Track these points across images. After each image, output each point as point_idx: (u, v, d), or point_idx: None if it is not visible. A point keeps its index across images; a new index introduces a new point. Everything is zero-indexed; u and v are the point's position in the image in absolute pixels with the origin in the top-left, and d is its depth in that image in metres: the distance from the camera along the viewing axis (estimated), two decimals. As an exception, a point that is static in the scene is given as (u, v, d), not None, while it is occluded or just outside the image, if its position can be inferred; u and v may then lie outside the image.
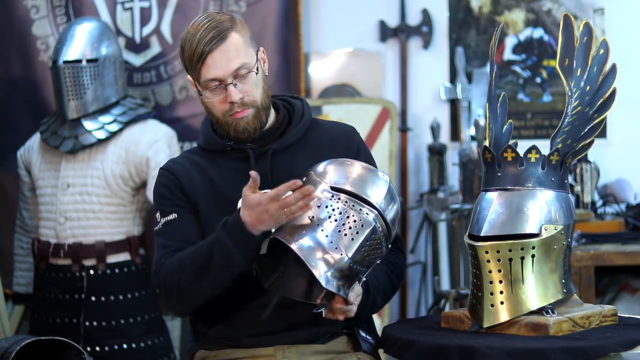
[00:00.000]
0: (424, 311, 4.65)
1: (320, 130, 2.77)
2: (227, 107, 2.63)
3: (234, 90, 2.60)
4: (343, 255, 2.43)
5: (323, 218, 2.45)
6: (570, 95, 2.63)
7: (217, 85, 2.61)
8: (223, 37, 2.59)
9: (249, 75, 2.62)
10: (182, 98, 4.67)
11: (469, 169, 4.44)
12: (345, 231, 2.44)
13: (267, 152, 2.68)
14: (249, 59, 2.62)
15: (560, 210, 2.53)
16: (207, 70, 2.60)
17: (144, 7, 4.68)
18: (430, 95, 4.80)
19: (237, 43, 2.61)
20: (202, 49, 2.58)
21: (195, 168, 2.72)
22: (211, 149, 2.74)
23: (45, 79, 4.54)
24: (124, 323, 4.04)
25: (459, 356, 2.36)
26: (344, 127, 2.82)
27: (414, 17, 4.80)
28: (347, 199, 2.47)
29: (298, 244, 2.43)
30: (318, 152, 2.69)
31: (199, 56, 2.59)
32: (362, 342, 2.69)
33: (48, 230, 4.11)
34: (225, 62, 2.59)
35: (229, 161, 2.71)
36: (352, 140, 2.77)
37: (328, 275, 2.43)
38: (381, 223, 2.49)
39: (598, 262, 3.87)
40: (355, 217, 2.45)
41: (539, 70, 4.73)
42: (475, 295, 2.54)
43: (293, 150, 2.70)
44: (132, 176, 4.05)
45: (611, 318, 2.60)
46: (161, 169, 2.77)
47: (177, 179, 2.71)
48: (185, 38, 2.63)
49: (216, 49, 2.58)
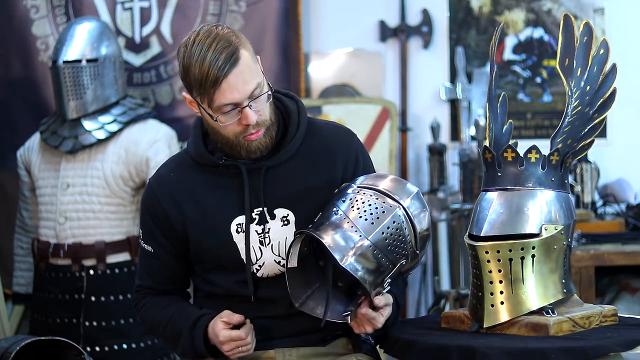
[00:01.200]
0: (424, 311, 4.64)
1: (317, 137, 2.65)
2: (240, 129, 2.50)
3: (251, 113, 2.47)
4: (362, 237, 2.43)
5: (346, 209, 2.47)
6: (570, 95, 2.63)
7: (232, 108, 2.47)
8: (236, 58, 2.44)
9: (262, 95, 2.49)
10: (182, 98, 4.66)
11: (469, 169, 4.44)
12: (365, 216, 2.46)
13: (261, 169, 2.59)
14: (259, 76, 2.50)
15: (561, 210, 2.53)
16: (222, 95, 2.45)
17: (143, 7, 4.68)
18: (430, 95, 4.80)
19: (249, 62, 2.47)
20: (216, 73, 2.42)
21: (183, 188, 2.64)
22: (201, 163, 2.65)
23: (45, 79, 4.54)
24: (124, 323, 4.04)
25: (459, 356, 2.36)
26: (342, 133, 2.70)
27: (414, 17, 4.80)
28: (372, 192, 2.50)
29: (319, 233, 2.44)
30: (315, 163, 2.62)
31: (213, 81, 2.43)
32: (362, 343, 2.69)
33: (48, 230, 4.11)
34: (241, 85, 2.45)
35: (220, 177, 2.62)
36: (351, 148, 2.67)
37: (350, 257, 2.42)
38: (405, 217, 2.48)
39: (598, 262, 3.88)
40: (377, 205, 2.47)
41: (539, 70, 4.73)
42: (475, 295, 2.54)
43: (288, 165, 2.61)
44: (132, 176, 4.04)
45: (611, 318, 2.60)
46: (149, 184, 2.71)
47: (162, 207, 2.64)
48: (190, 58, 2.45)
49: (231, 73, 2.43)
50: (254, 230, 2.58)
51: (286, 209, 2.59)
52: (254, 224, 2.59)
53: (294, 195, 2.59)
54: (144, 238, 2.70)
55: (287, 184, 2.59)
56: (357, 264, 2.42)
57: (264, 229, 2.58)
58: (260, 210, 2.59)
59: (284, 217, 2.59)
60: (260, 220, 2.59)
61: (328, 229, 2.45)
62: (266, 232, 2.58)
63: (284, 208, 2.59)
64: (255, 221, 2.59)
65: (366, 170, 2.66)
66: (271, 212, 2.59)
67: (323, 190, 2.58)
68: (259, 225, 2.59)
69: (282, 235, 2.58)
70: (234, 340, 2.52)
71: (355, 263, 2.42)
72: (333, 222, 2.46)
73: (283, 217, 2.59)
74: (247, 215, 2.58)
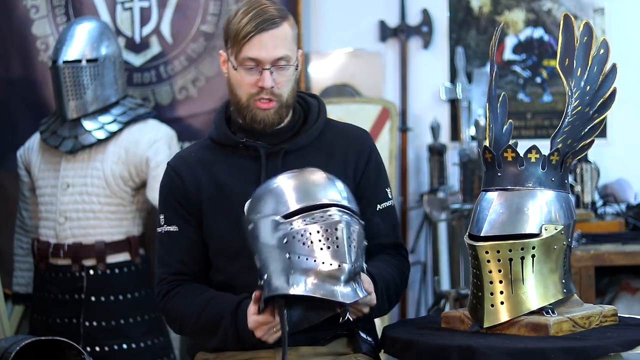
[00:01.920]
0: (424, 311, 4.65)
1: (334, 131, 2.75)
2: (254, 91, 2.62)
3: (268, 76, 2.60)
4: (342, 265, 2.37)
5: (298, 248, 2.37)
6: (570, 95, 2.63)
7: (254, 66, 2.60)
8: (274, 23, 2.59)
9: (286, 68, 2.62)
10: (182, 98, 4.66)
11: (469, 169, 4.44)
12: (323, 245, 2.37)
13: (279, 152, 2.67)
14: (292, 53, 2.63)
15: (561, 210, 2.53)
16: (250, 49, 2.59)
17: (143, 7, 4.67)
18: (430, 95, 4.80)
19: (285, 34, 2.62)
20: (252, 26, 2.57)
21: (203, 167, 2.71)
22: (222, 143, 2.73)
23: (45, 79, 4.54)
24: (124, 323, 4.04)
25: (459, 356, 2.36)
26: (358, 130, 2.80)
27: (414, 17, 4.80)
28: (301, 217, 2.39)
29: (298, 288, 2.37)
30: (331, 155, 2.69)
31: (247, 33, 2.57)
32: (362, 343, 2.68)
33: (48, 230, 4.11)
34: (271, 47, 2.59)
35: (239, 159, 2.69)
36: (365, 145, 2.75)
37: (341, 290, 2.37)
38: (345, 211, 2.42)
39: (598, 262, 3.88)
40: (320, 227, 2.38)
41: (539, 70, 4.73)
42: (475, 295, 2.54)
43: (306, 152, 2.69)
44: (132, 176, 4.04)
45: (611, 318, 2.60)
46: (169, 165, 2.77)
47: (183, 182, 2.70)
48: (236, 13, 2.62)
49: (266, 32, 2.58)
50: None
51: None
52: None
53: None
54: (166, 220, 2.71)
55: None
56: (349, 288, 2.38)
57: None
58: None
59: None
60: None
61: (297, 276, 2.38)
62: None
63: None
64: None
65: (377, 170, 2.72)
66: None
67: None
68: None
69: None
70: (263, 324, 2.47)
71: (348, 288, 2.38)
72: (300, 269, 2.38)
73: None
74: None
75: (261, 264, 2.41)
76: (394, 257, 2.73)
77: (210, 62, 4.64)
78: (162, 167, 4.01)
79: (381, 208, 2.73)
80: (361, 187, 2.71)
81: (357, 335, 2.68)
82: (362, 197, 2.68)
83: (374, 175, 2.74)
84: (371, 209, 2.71)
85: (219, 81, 4.63)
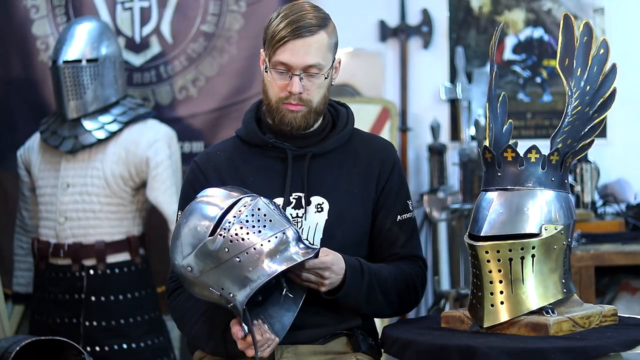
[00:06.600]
0: (424, 311, 4.64)
1: (360, 140, 2.78)
2: (284, 94, 2.63)
3: (297, 82, 2.61)
4: (284, 231, 2.42)
5: (241, 246, 2.40)
6: (570, 95, 2.63)
7: (285, 71, 2.61)
8: (311, 31, 2.59)
9: (317, 76, 2.63)
10: (182, 98, 4.67)
11: (469, 169, 4.44)
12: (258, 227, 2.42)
13: (306, 155, 2.69)
14: (325, 62, 2.63)
15: (560, 210, 2.53)
16: (282, 53, 2.60)
17: (143, 7, 4.68)
18: (430, 95, 4.80)
19: (321, 43, 2.62)
20: (288, 32, 2.58)
21: (229, 165, 2.72)
22: (250, 142, 2.74)
23: (45, 79, 4.54)
24: (124, 323, 4.04)
25: (459, 356, 2.36)
26: (383, 141, 2.83)
27: (414, 17, 4.80)
28: (223, 223, 2.42)
29: (258, 280, 2.40)
30: (355, 163, 2.72)
31: (282, 37, 2.59)
32: (361, 342, 2.69)
33: (48, 230, 4.11)
34: (303, 53, 2.60)
35: (266, 159, 2.71)
36: (389, 157, 2.77)
37: (296, 250, 2.42)
38: (252, 195, 2.47)
39: (598, 262, 3.88)
40: (245, 216, 2.42)
41: (539, 70, 4.73)
42: (475, 295, 2.54)
43: (332, 157, 2.72)
44: (132, 176, 4.04)
45: (611, 318, 2.60)
46: (194, 162, 2.78)
47: (207, 180, 2.70)
48: (279, 13, 2.63)
49: (300, 39, 2.59)
50: (288, 214, 2.63)
51: (322, 197, 2.66)
52: (290, 207, 2.65)
53: (333, 185, 2.67)
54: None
55: (327, 174, 2.68)
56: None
57: (298, 214, 2.65)
58: (299, 195, 2.66)
59: (318, 205, 2.66)
60: (296, 205, 2.66)
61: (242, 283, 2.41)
62: (300, 217, 2.65)
63: (320, 196, 2.67)
64: (292, 205, 2.66)
65: (400, 182, 2.75)
66: (308, 199, 2.66)
67: (358, 188, 2.69)
68: (294, 209, 2.65)
69: (314, 221, 2.65)
70: (251, 345, 2.48)
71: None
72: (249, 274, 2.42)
73: (318, 205, 2.66)
74: (285, 198, 2.65)
75: (220, 289, 2.42)
76: (408, 265, 2.74)
77: (210, 62, 4.64)
78: (162, 166, 4.06)
79: (401, 219, 2.76)
80: (383, 197, 2.73)
81: (356, 334, 2.69)
82: (383, 207, 2.73)
83: (396, 187, 2.76)
84: (391, 219, 2.74)
85: (219, 81, 4.63)
